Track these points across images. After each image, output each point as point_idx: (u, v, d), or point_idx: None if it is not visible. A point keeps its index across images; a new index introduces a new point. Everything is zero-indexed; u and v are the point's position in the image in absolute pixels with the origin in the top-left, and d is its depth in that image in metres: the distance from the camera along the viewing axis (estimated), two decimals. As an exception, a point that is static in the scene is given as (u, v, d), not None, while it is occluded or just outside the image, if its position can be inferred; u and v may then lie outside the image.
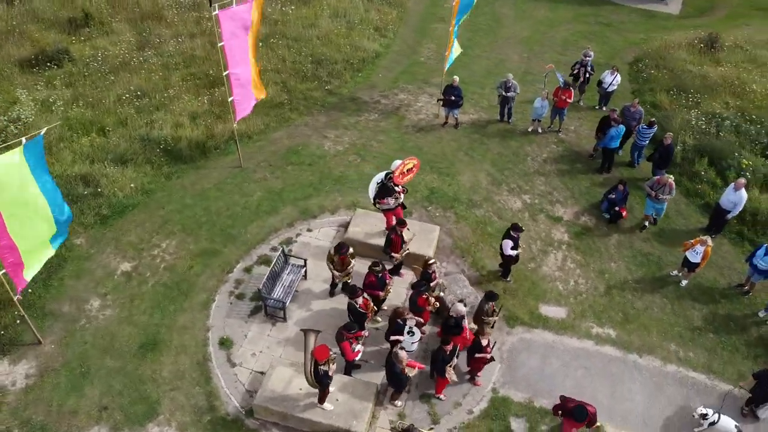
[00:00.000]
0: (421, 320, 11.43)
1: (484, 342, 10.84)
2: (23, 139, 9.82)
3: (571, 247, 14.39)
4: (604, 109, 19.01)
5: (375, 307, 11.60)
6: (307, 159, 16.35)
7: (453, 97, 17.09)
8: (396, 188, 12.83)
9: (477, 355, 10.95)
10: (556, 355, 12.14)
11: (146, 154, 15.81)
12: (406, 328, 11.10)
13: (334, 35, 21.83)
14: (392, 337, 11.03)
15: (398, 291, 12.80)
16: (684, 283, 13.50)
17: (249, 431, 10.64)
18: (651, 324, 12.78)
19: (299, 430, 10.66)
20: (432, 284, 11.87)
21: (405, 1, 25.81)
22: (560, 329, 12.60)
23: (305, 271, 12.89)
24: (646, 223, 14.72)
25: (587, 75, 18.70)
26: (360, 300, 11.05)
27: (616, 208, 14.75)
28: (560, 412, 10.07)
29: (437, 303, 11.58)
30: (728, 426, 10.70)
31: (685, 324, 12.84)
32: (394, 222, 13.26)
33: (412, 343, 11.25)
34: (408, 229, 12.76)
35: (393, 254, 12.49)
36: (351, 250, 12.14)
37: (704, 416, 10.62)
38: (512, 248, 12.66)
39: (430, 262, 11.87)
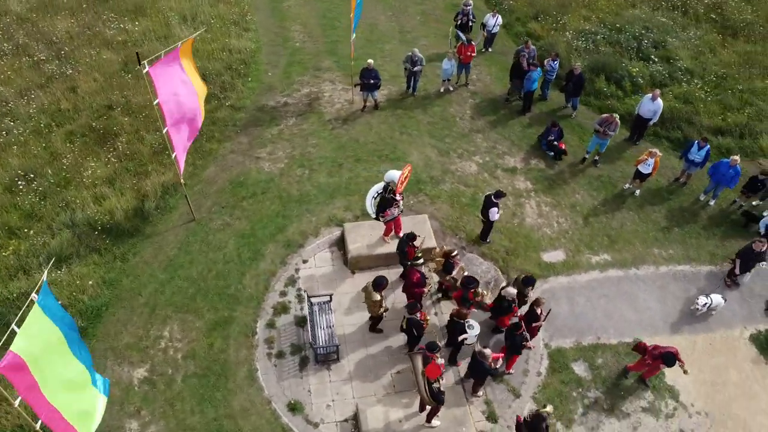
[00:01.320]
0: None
1: (539, 311, 11.74)
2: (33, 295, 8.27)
3: (538, 192, 15.62)
4: (489, 51, 20.17)
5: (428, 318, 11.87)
6: (256, 188, 15.44)
7: (371, 80, 16.99)
8: (396, 198, 12.85)
9: (534, 324, 11.83)
10: (576, 294, 13.48)
11: (85, 243, 13.83)
12: (467, 325, 11.60)
13: (199, 43, 20.07)
14: (459, 338, 11.48)
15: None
16: (637, 192, 15.48)
17: (371, 480, 10.65)
18: (631, 237, 14.61)
19: (415, 458, 10.91)
20: (454, 273, 12.39)
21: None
22: (567, 270, 13.92)
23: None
24: (587, 157, 16.31)
25: (469, 23, 19.53)
26: (418, 314, 11.28)
27: (555, 143, 16.16)
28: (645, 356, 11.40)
29: (484, 293, 12.14)
30: (719, 301, 12.96)
31: (655, 227, 14.87)
32: (393, 229, 13.40)
33: (475, 336, 11.81)
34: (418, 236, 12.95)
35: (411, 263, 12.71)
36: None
37: (704, 305, 12.72)
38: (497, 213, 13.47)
39: (454, 254, 12.32)
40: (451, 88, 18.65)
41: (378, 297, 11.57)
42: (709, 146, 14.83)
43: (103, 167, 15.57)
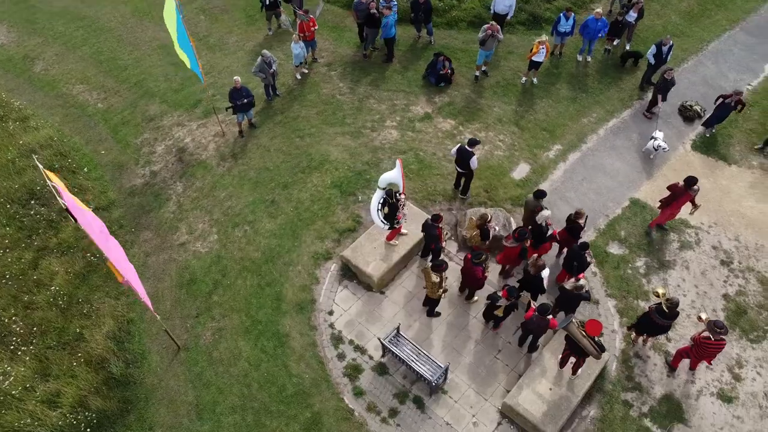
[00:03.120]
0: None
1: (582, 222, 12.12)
2: None
3: (464, 123, 15.65)
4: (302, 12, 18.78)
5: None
6: (212, 276, 12.97)
7: (246, 99, 14.93)
8: (400, 199, 11.85)
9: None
10: (564, 191, 14.18)
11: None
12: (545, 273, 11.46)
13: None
14: (546, 284, 11.36)
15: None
16: (536, 80, 16.38)
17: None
18: (560, 120, 15.61)
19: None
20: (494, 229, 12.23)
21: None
22: (541, 176, 14.51)
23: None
24: (478, 74, 16.59)
25: (275, 0, 17.90)
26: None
27: (442, 73, 16.18)
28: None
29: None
30: (659, 134, 14.67)
31: (568, 102, 16.05)
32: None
33: (548, 274, 11.72)
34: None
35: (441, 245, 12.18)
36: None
37: (657, 147, 14.36)
38: None
39: (489, 219, 12.02)
40: (306, 70, 17.24)
41: (437, 278, 11.06)
42: (574, 14, 16.09)
43: (19, 365, 11.66)
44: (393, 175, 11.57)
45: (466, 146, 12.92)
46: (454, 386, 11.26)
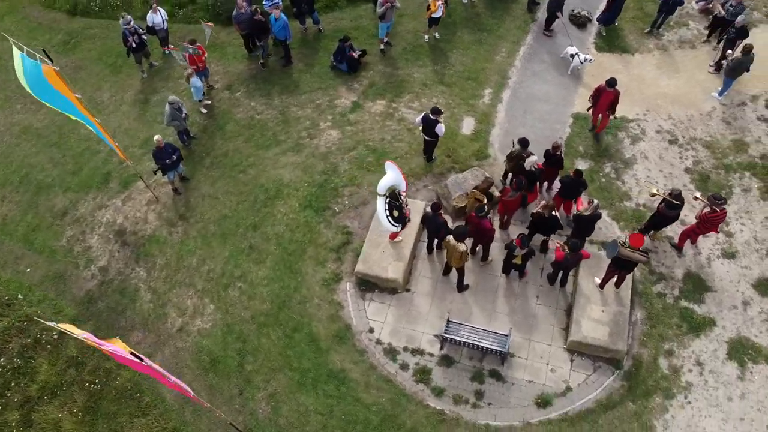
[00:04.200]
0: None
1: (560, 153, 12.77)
2: None
3: (394, 100, 15.50)
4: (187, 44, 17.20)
5: None
6: (233, 346, 12.05)
7: (174, 156, 13.61)
8: (403, 197, 11.67)
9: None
10: (513, 128, 14.62)
11: None
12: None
13: None
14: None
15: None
16: (437, 35, 16.56)
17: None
18: (478, 64, 16.09)
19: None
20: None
21: None
22: (486, 122, 14.92)
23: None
24: (382, 47, 16.36)
25: (142, 41, 16.15)
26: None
27: (354, 58, 15.84)
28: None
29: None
30: (573, 49, 15.55)
31: (475, 45, 16.55)
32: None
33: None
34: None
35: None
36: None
37: (584, 60, 15.24)
38: None
39: (492, 183, 12.28)
40: (209, 102, 15.96)
41: (464, 247, 11.16)
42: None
43: None
44: (390, 178, 11.32)
45: (430, 115, 12.93)
46: (517, 346, 11.63)
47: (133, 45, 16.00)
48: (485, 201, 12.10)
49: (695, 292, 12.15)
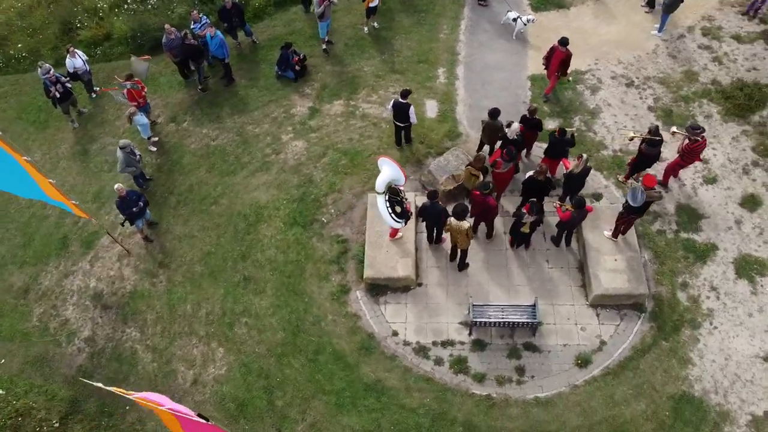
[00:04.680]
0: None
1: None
2: None
3: (352, 97, 15.05)
4: (104, 90, 16.04)
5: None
6: (258, 394, 11.40)
7: (140, 203, 12.61)
8: (402, 191, 11.32)
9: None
10: (477, 102, 14.57)
11: None
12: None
13: None
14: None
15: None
16: (376, 24, 16.27)
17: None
18: (425, 45, 15.95)
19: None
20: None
21: None
22: (449, 101, 14.76)
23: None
24: (325, 46, 15.81)
25: (66, 89, 14.83)
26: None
27: (298, 65, 15.24)
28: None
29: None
30: (514, 14, 15.58)
31: (420, 28, 16.33)
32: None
33: None
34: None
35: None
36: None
37: (527, 21, 15.31)
38: None
39: (482, 156, 12.16)
40: (156, 138, 14.91)
41: (467, 224, 11.05)
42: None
43: None
44: (387, 174, 10.92)
45: (400, 99, 12.62)
46: (542, 314, 11.57)
47: (57, 95, 14.65)
48: (482, 177, 11.93)
49: (690, 222, 12.54)
